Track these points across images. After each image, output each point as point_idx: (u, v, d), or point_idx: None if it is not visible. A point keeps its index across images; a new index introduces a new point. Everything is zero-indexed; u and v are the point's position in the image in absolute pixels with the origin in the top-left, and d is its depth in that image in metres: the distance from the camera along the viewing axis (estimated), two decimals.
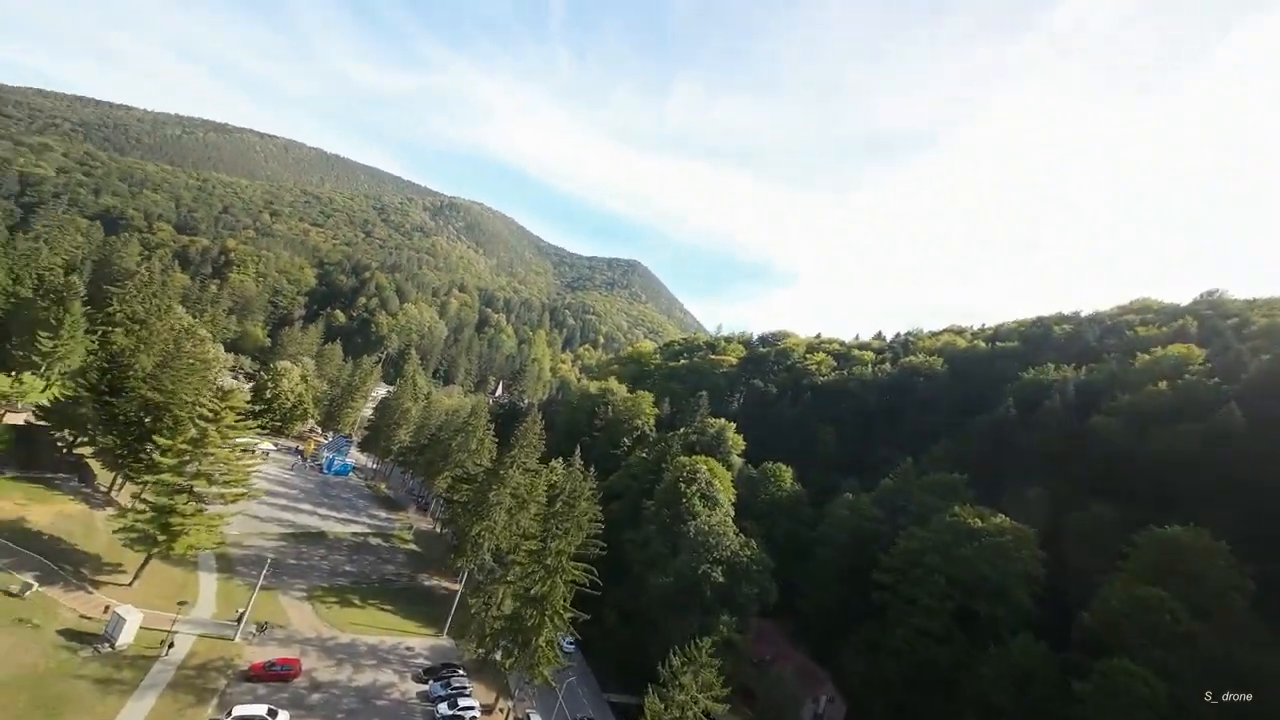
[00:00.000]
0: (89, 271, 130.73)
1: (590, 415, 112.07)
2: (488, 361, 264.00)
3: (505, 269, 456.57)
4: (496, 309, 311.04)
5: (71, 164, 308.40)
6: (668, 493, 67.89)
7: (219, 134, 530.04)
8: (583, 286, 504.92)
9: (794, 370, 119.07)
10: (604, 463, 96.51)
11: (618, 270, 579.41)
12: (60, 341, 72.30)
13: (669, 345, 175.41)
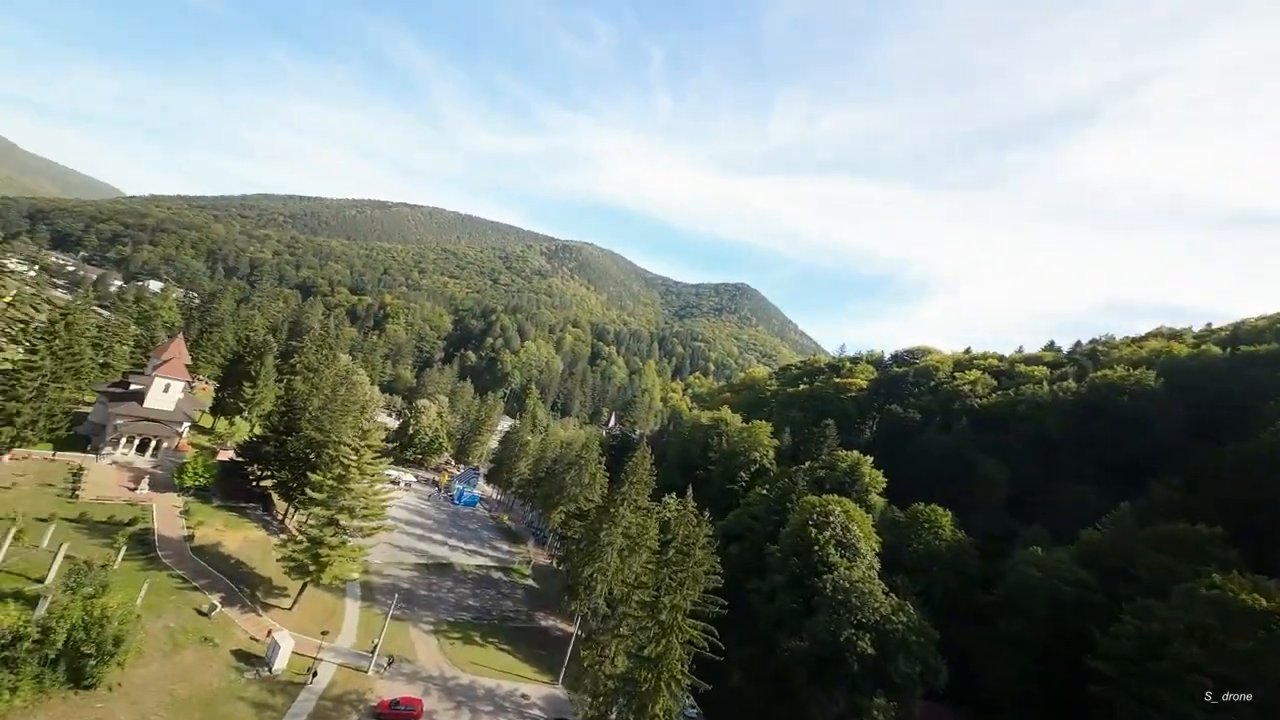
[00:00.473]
0: (286, 331, 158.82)
1: (703, 447, 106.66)
2: (600, 393, 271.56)
3: (615, 303, 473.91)
4: (608, 341, 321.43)
5: (281, 247, 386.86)
6: (795, 537, 59.89)
7: (381, 210, 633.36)
8: (690, 314, 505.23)
9: (941, 392, 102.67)
10: (720, 499, 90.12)
11: (725, 295, 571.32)
12: (258, 389, 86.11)
13: (786, 370, 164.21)
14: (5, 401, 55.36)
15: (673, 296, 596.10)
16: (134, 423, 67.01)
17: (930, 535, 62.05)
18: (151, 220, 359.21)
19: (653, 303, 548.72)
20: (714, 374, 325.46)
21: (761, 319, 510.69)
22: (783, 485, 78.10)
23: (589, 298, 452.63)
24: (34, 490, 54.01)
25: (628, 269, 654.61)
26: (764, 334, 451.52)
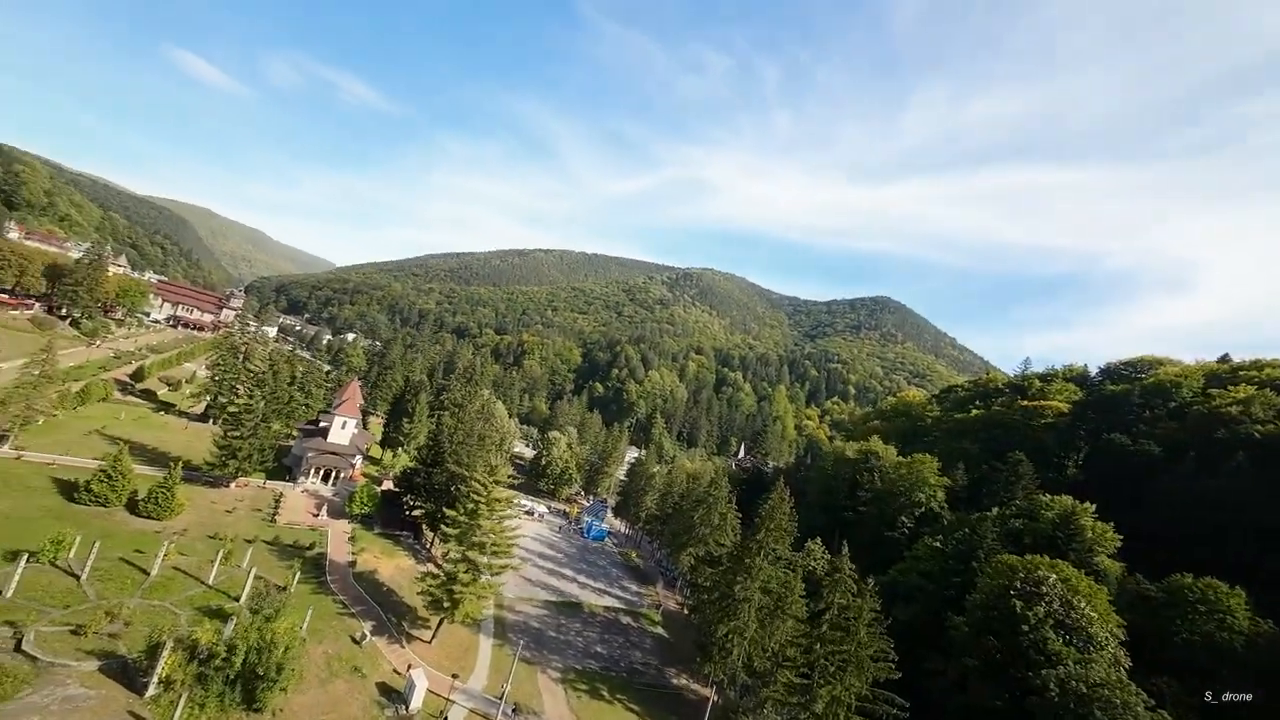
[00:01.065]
0: (441, 370, 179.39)
1: (850, 484, 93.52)
2: (728, 422, 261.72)
3: (739, 326, 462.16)
4: (733, 367, 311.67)
5: (441, 297, 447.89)
6: (990, 609, 46.76)
7: (520, 257, 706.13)
8: (822, 334, 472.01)
9: (1190, 416, 77.76)
10: (876, 549, 76.95)
11: (862, 311, 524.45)
12: (414, 424, 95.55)
13: (949, 392, 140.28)
14: (232, 438, 66.92)
15: (801, 316, 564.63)
16: (320, 455, 77.39)
17: (1209, 622, 44.05)
18: (351, 284, 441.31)
19: (779, 324, 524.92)
20: (855, 398, 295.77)
21: (909, 334, 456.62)
22: (962, 537, 63.54)
23: (711, 323, 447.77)
24: (247, 514, 63.80)
25: (751, 291, 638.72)
26: (913, 351, 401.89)
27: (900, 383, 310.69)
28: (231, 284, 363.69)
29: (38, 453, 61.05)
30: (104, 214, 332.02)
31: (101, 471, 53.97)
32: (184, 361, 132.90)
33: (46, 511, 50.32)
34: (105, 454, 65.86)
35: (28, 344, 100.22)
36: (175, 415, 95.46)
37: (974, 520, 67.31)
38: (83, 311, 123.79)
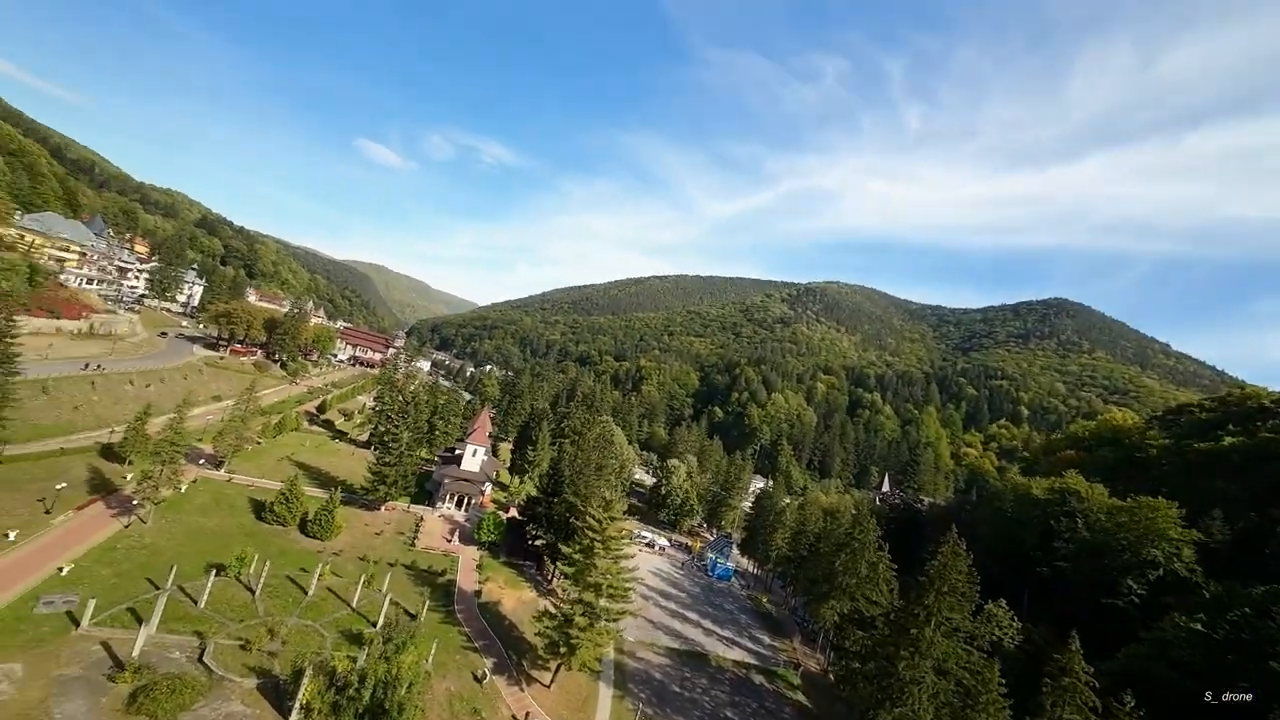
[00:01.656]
0: (565, 398, 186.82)
1: (1041, 531, 74.78)
2: (866, 449, 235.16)
3: (873, 342, 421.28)
4: (868, 387, 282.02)
5: (566, 329, 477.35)
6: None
7: (636, 285, 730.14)
8: (978, 345, 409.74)
9: None
10: (1091, 620, 59.20)
11: (1030, 317, 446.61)
12: (537, 451, 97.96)
13: (1179, 412, 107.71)
14: (383, 465, 73.22)
15: (949, 327, 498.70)
16: (455, 482, 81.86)
17: None
18: (489, 321, 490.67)
19: (921, 337, 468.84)
20: (1029, 421, 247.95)
21: (1098, 341, 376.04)
22: (1239, 619, 45.28)
23: (839, 340, 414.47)
24: (392, 537, 68.62)
25: (884, 303, 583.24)
26: (1107, 362, 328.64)
27: (1094, 399, 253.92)
28: (398, 327, 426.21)
29: (243, 475, 72.33)
30: (311, 276, 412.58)
31: (281, 495, 61.47)
32: (357, 395, 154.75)
33: (241, 529, 58.21)
34: (288, 478, 75.85)
35: (251, 384, 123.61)
36: (346, 442, 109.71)
37: (1260, 596, 47.81)
38: (288, 355, 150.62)
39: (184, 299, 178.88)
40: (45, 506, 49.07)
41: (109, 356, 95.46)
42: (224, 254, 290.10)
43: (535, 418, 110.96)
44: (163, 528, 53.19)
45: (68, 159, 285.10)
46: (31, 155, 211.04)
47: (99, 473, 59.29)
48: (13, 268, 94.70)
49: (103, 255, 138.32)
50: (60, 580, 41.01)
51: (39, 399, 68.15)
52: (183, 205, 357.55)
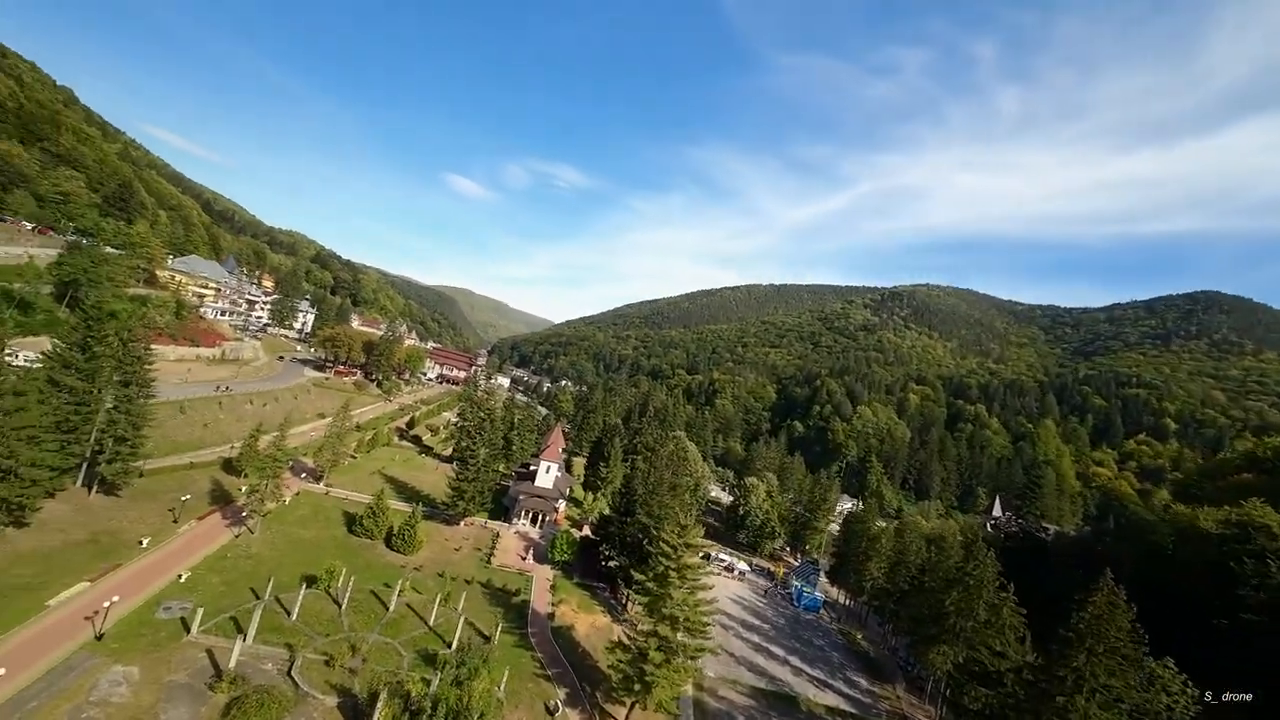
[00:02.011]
0: (637, 413, 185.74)
1: (1216, 573, 60.92)
2: (970, 467, 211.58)
3: (972, 348, 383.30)
4: (970, 399, 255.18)
5: (637, 343, 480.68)
6: None
7: (708, 297, 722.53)
8: (1103, 349, 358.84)
9: None
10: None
11: (1170, 314, 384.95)
12: (610, 468, 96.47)
13: None
14: (461, 482, 74.87)
15: (1065, 329, 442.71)
16: (529, 498, 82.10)
17: None
18: (564, 338, 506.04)
19: (1032, 341, 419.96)
20: (1178, 436, 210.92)
21: (1266, 340, 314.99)
22: None
23: (933, 347, 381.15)
24: (470, 553, 69.45)
25: (983, 304, 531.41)
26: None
27: (1263, 412, 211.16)
28: (481, 346, 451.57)
29: (339, 489, 77.04)
30: (405, 301, 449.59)
31: (369, 509, 64.22)
32: (443, 411, 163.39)
33: (333, 541, 61.29)
34: (377, 492, 79.79)
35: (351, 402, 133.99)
36: (432, 457, 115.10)
37: None
38: (383, 375, 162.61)
39: (299, 326, 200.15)
40: (174, 516, 54.32)
41: (235, 379, 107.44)
42: (333, 285, 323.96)
43: (608, 433, 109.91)
44: (267, 539, 57.04)
45: (214, 210, 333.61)
46: (186, 209, 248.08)
47: (219, 485, 65.33)
48: (164, 304, 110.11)
49: (234, 290, 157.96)
50: (179, 586, 44.48)
51: (177, 418, 77.18)
52: (301, 244, 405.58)
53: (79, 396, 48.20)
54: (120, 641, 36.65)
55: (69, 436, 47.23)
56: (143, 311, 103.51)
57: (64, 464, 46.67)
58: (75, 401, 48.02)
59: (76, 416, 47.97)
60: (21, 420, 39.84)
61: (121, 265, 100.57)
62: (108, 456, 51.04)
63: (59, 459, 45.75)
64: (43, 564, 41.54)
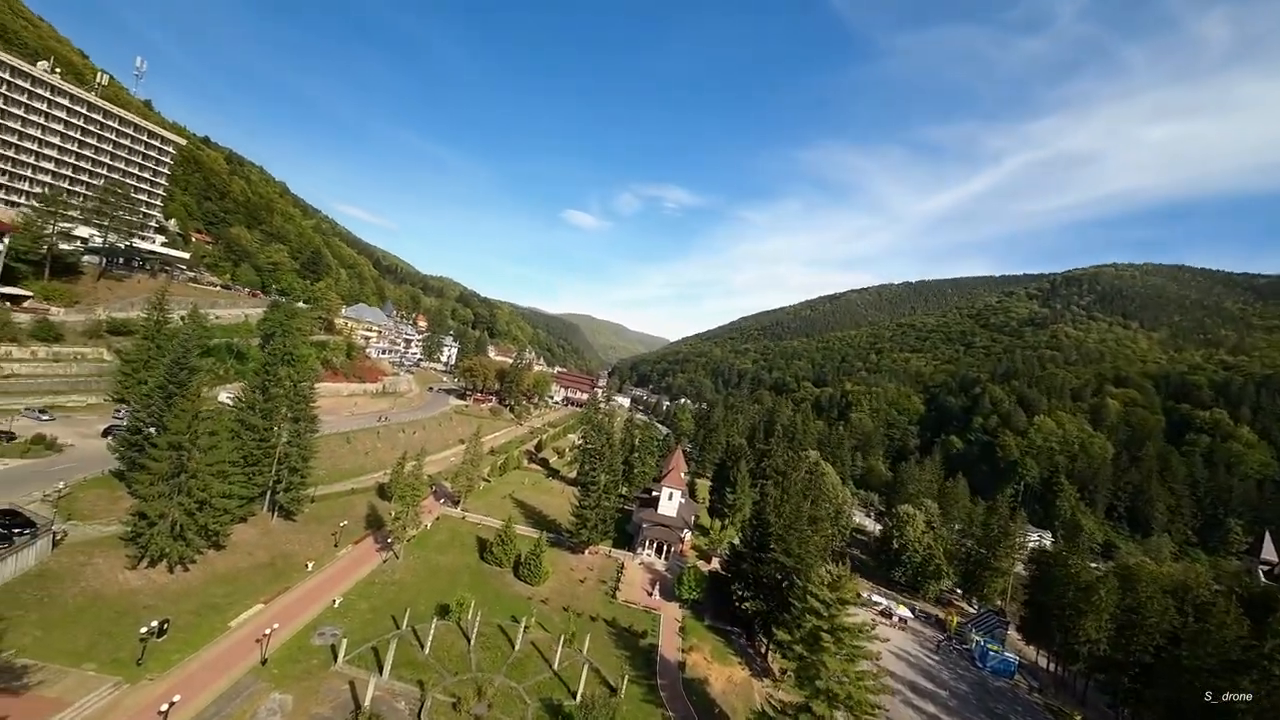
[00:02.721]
0: (761, 431, 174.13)
1: None
2: (1212, 491, 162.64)
3: (1192, 337, 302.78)
4: (1200, 402, 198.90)
5: (757, 355, 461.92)
6: None
7: (831, 302, 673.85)
8: None
9: None
10: None
11: None
12: (737, 495, 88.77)
13: None
14: (583, 509, 73.30)
15: None
16: (653, 527, 77.89)
17: None
18: (680, 355, 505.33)
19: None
20: None
21: None
22: None
23: (1132, 339, 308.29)
24: (595, 585, 66.79)
25: (1202, 281, 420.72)
26: None
27: None
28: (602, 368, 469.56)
29: (474, 513, 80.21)
30: (534, 330, 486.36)
31: (499, 536, 64.89)
32: (568, 434, 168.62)
33: (467, 568, 62.62)
34: (507, 517, 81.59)
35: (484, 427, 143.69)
36: (559, 480, 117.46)
37: None
38: (514, 400, 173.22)
39: (445, 358, 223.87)
40: (335, 540, 59.44)
41: (392, 410, 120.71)
42: (474, 320, 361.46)
43: (732, 455, 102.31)
44: (409, 564, 59.82)
45: (382, 265, 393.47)
46: (360, 266, 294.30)
47: (374, 510, 71.16)
48: (338, 347, 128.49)
49: (392, 331, 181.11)
50: (333, 612, 47.28)
51: (345, 447, 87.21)
52: (448, 287, 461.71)
53: (260, 433, 54.89)
54: (280, 667, 38.89)
55: (254, 469, 53.70)
56: (323, 354, 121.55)
57: (250, 493, 53.01)
58: (258, 438, 54.73)
59: (259, 451, 54.56)
60: (214, 457, 45.57)
61: (308, 317, 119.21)
62: (284, 486, 57.32)
63: (246, 489, 52.02)
64: (231, 584, 46.72)
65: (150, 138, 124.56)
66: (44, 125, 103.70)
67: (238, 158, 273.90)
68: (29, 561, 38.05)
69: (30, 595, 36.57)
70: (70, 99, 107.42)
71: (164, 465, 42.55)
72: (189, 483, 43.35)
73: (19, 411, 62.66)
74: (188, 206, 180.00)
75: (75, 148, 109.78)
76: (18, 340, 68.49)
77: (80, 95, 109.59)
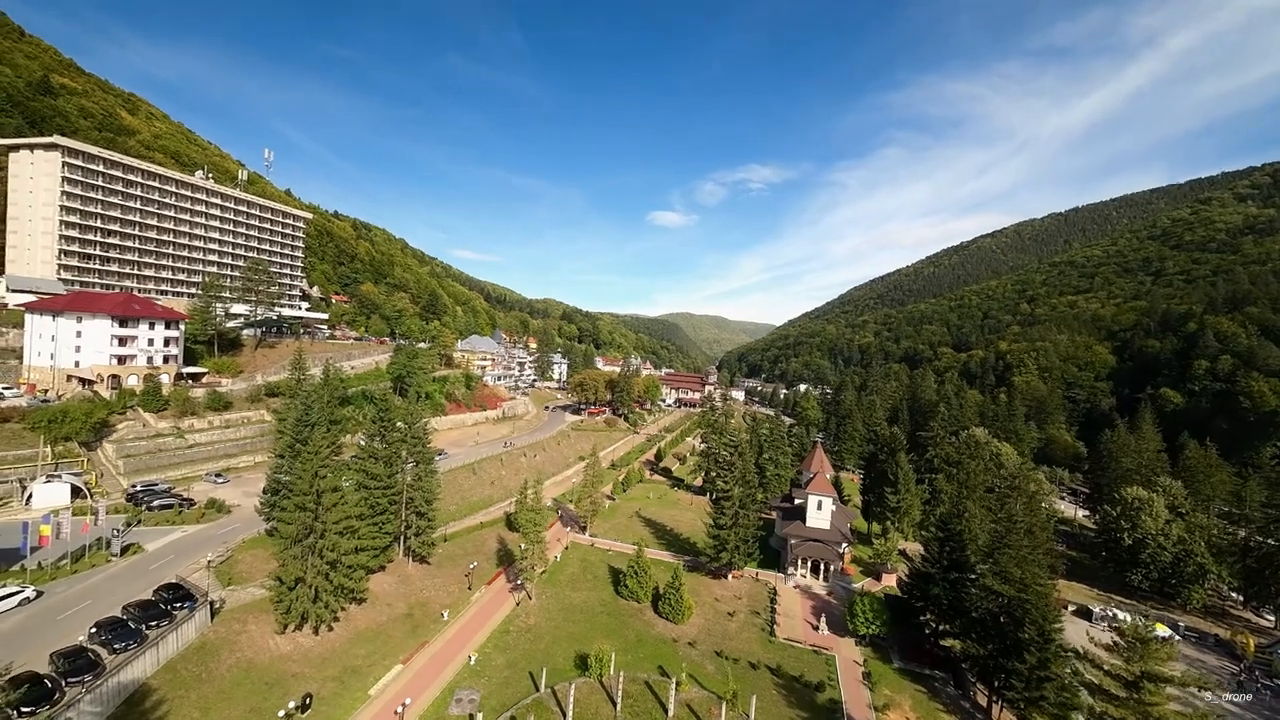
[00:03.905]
0: (906, 412, 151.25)
1: None
2: None
3: None
4: None
5: (878, 326, 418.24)
6: None
7: (958, 253, 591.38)
8: None
9: None
10: None
11: None
12: (900, 495, 73.84)
13: None
14: (720, 529, 64.54)
15: None
16: (802, 543, 66.64)
17: None
18: (790, 338, 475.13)
19: None
20: None
21: None
22: None
23: None
24: (746, 618, 57.47)
25: None
26: None
27: None
28: (708, 363, 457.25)
29: (603, 538, 75.32)
30: (636, 336, 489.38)
31: (632, 567, 58.51)
32: (685, 438, 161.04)
33: (602, 605, 56.96)
34: (637, 540, 75.46)
35: (603, 440, 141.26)
36: (684, 489, 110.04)
37: None
38: (627, 409, 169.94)
39: (556, 376, 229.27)
40: (468, 582, 57.27)
41: (513, 434, 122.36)
42: (579, 335, 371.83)
43: (884, 445, 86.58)
44: (542, 605, 55.60)
45: (492, 297, 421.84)
46: (472, 301, 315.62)
47: (504, 543, 69.02)
48: (457, 380, 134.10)
49: (504, 357, 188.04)
50: (470, 671, 43.69)
51: (471, 479, 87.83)
52: (552, 307, 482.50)
53: (384, 480, 54.10)
54: None
55: (382, 517, 52.84)
56: (445, 388, 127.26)
57: (382, 542, 52.16)
58: (383, 485, 53.99)
59: (384, 499, 53.76)
60: (339, 514, 44.47)
61: (429, 355, 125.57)
62: (414, 530, 56.21)
63: (378, 538, 51.11)
64: (372, 643, 45.22)
65: (285, 218, 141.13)
66: (205, 224, 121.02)
67: (363, 224, 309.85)
68: (190, 635, 38.68)
69: (190, 672, 36.81)
70: (221, 197, 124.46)
71: (293, 528, 41.78)
72: (318, 543, 42.27)
73: (201, 476, 69.98)
74: (325, 273, 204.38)
75: (230, 238, 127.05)
76: (197, 413, 77.45)
77: (229, 192, 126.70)
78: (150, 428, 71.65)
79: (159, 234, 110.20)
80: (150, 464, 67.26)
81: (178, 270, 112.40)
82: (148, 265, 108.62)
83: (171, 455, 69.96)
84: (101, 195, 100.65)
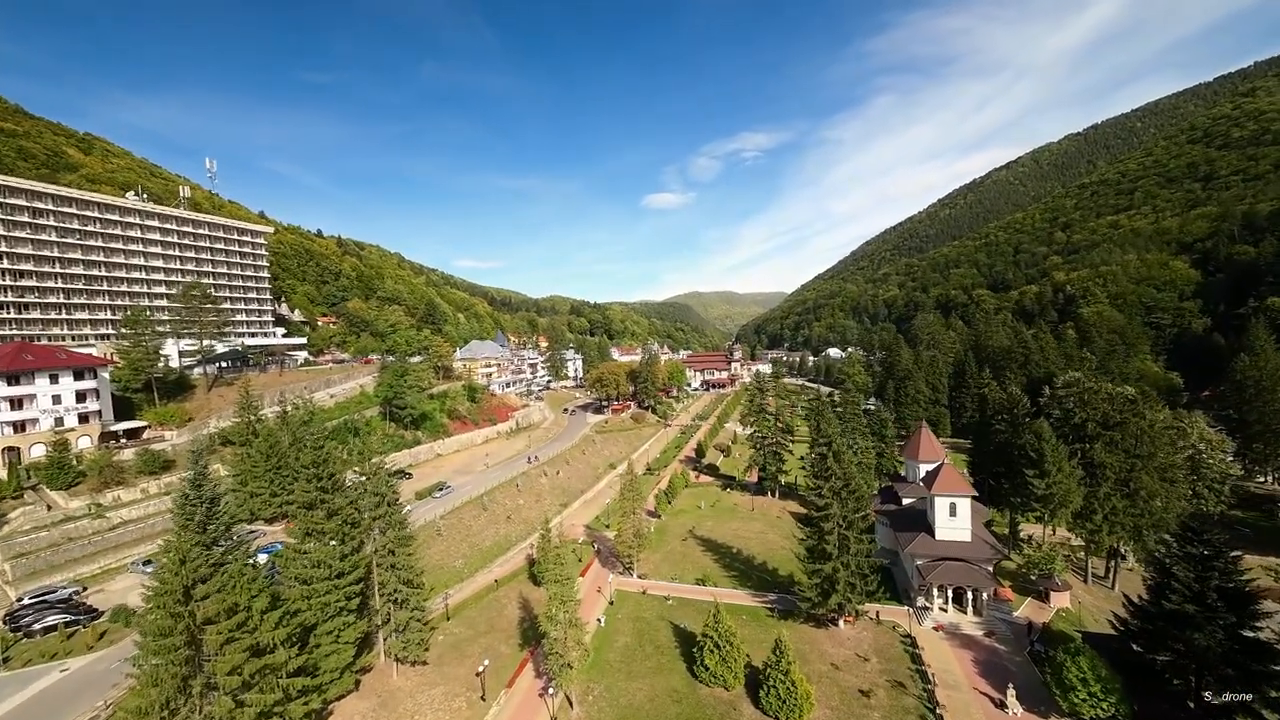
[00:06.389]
0: (973, 361, 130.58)
1: None
2: None
3: None
4: None
5: (901, 278, 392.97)
6: None
7: (972, 191, 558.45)
8: None
9: None
10: None
11: None
12: (1049, 478, 54.39)
13: None
14: (821, 562, 46.40)
15: None
16: (936, 565, 47.96)
17: None
18: (809, 302, 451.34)
19: None
20: None
21: None
22: None
23: None
24: (888, 692, 39.32)
25: None
26: None
27: None
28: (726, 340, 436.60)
29: (654, 580, 57.72)
30: (649, 322, 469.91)
31: (711, 640, 40.59)
32: (723, 424, 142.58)
33: (674, 700, 39.32)
34: (703, 572, 57.96)
35: (633, 440, 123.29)
36: (736, 489, 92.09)
37: None
38: (654, 400, 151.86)
39: (572, 373, 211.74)
40: (480, 693, 39.92)
41: (530, 447, 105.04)
42: (589, 328, 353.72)
43: (997, 411, 67.17)
44: (590, 713, 38.13)
45: (496, 301, 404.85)
46: (474, 306, 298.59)
47: (527, 607, 51.71)
48: (458, 394, 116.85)
49: (510, 360, 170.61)
50: None
51: (480, 516, 70.54)
52: (559, 303, 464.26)
53: (334, 567, 36.60)
54: None
55: (336, 623, 35.52)
56: (446, 405, 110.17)
57: (342, 659, 34.91)
58: (331, 576, 36.50)
59: (343, 594, 36.30)
60: (233, 661, 26.97)
61: (422, 370, 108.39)
62: (394, 627, 38.95)
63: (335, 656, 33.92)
64: None
65: (241, 235, 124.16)
66: (144, 252, 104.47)
67: (351, 241, 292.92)
68: None
69: None
70: (160, 219, 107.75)
71: (157, 691, 24.45)
72: (205, 703, 24.92)
73: (127, 566, 53.59)
74: (309, 294, 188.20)
75: (177, 264, 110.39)
76: (125, 480, 61.16)
77: (169, 213, 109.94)
78: (57, 510, 55.37)
79: (86, 268, 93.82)
80: (53, 560, 50.95)
81: (116, 309, 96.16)
82: (77, 308, 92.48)
83: (86, 544, 53.60)
84: None
